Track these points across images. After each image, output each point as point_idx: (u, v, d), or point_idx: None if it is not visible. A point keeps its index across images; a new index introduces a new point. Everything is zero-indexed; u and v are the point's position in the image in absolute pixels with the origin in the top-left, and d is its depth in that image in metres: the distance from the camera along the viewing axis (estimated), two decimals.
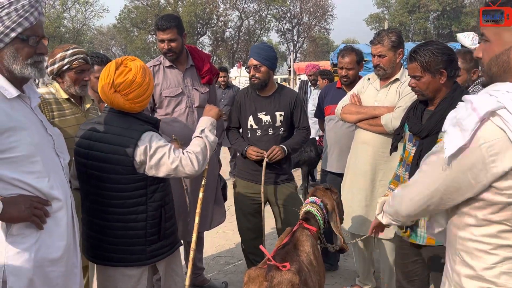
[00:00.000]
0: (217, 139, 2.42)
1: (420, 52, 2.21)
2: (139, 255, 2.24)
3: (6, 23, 1.65)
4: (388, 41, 2.91)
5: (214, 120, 2.48)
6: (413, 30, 44.64)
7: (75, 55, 2.59)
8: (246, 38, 45.46)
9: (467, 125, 1.25)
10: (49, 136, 1.84)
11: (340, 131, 3.65)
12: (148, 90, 2.21)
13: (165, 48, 3.15)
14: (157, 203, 2.24)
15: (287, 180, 3.27)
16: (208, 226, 3.45)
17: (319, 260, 2.28)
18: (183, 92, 3.22)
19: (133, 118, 2.21)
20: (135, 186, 2.18)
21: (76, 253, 1.93)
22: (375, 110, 2.97)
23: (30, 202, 1.68)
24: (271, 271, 1.87)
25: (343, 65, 3.60)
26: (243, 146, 3.21)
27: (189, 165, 2.18)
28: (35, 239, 1.72)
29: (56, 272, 1.79)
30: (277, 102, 3.21)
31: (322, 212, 2.45)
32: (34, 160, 1.70)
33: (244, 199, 3.27)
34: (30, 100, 1.80)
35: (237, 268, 4.07)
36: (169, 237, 2.35)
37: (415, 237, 2.36)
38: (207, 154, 2.31)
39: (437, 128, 2.19)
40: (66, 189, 1.87)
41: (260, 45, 3.24)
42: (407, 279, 2.49)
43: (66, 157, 1.94)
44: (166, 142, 2.20)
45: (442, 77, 2.21)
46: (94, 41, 46.56)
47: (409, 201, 1.49)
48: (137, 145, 2.10)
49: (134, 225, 2.20)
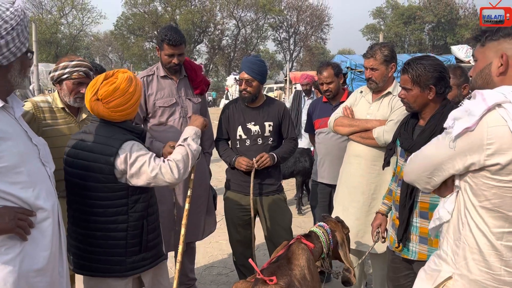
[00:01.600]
0: (200, 148, 2.43)
1: (413, 65, 2.24)
2: (119, 266, 2.23)
3: (21, 38, 1.71)
4: (381, 55, 2.94)
5: (198, 129, 2.50)
6: (409, 41, 45.02)
7: (77, 67, 2.66)
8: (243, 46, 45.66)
9: (476, 111, 1.45)
10: (34, 146, 1.84)
11: (330, 142, 3.71)
12: (132, 100, 2.20)
13: (174, 62, 3.13)
14: (139, 214, 2.24)
15: (276, 191, 3.27)
16: (200, 236, 3.43)
17: (314, 274, 2.25)
18: (177, 102, 3.22)
19: (117, 127, 2.22)
20: (116, 195, 2.18)
21: (62, 262, 1.91)
22: (367, 123, 2.98)
23: (14, 213, 1.66)
24: (257, 284, 1.86)
25: (322, 80, 3.71)
26: (232, 156, 3.21)
27: (169, 173, 2.18)
28: (19, 250, 1.71)
29: (42, 283, 1.77)
30: (266, 112, 3.23)
31: (327, 237, 2.47)
32: (18, 171, 1.70)
33: (234, 211, 3.27)
34: (13, 110, 1.81)
35: (230, 279, 4.04)
36: (152, 249, 2.32)
37: (407, 252, 2.36)
38: (189, 162, 2.30)
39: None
40: (53, 199, 1.86)
41: (252, 59, 3.22)
42: None
43: (51, 166, 1.94)
44: (147, 151, 2.21)
45: (431, 93, 2.24)
46: (91, 47, 46.61)
47: (411, 168, 1.74)
48: (117, 154, 2.12)
49: (114, 234, 2.21)
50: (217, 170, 7.55)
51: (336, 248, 2.53)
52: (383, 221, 2.62)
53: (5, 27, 1.62)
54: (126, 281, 2.28)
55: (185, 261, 3.55)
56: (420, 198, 2.27)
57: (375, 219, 2.65)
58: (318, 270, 2.43)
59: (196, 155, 2.36)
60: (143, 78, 3.19)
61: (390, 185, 2.59)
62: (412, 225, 2.31)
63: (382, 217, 2.62)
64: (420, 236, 2.29)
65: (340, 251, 2.51)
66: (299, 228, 5.25)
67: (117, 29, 43.14)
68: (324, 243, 2.44)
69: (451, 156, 1.53)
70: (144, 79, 3.19)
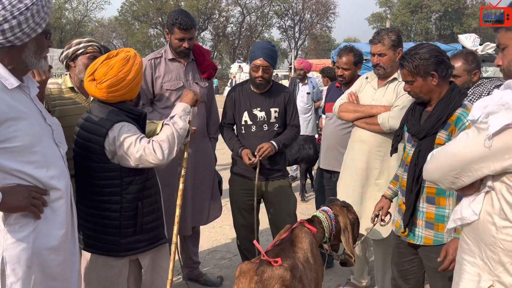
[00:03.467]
0: (187, 126, 2.31)
1: (408, 58, 2.23)
2: (113, 245, 2.27)
3: (36, 19, 1.69)
4: (388, 40, 2.92)
5: (187, 106, 2.38)
6: (415, 30, 44.58)
7: (90, 42, 2.70)
8: (247, 34, 45.36)
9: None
10: (48, 126, 1.85)
11: (329, 128, 3.73)
12: (125, 81, 2.17)
13: (184, 46, 3.12)
14: (132, 196, 2.25)
15: (281, 176, 3.29)
16: (205, 221, 3.47)
17: (317, 258, 2.27)
18: (184, 85, 3.22)
19: (114, 108, 2.23)
20: (109, 176, 2.21)
21: (74, 242, 1.95)
22: (372, 109, 2.98)
23: (28, 192, 1.69)
24: (262, 265, 1.88)
25: (339, 64, 3.64)
26: (237, 148, 3.21)
27: (152, 154, 2.15)
28: (33, 228, 1.74)
29: (55, 261, 1.80)
30: (272, 98, 3.22)
31: (330, 222, 2.48)
32: (33, 150, 1.72)
33: (240, 196, 3.29)
34: (29, 90, 1.82)
35: (233, 263, 4.09)
36: (149, 232, 2.33)
37: (413, 237, 2.37)
38: (175, 142, 2.22)
39: (434, 129, 2.20)
40: (66, 179, 1.89)
41: (267, 45, 3.18)
42: (403, 278, 2.52)
43: (64, 146, 1.96)
44: (136, 132, 2.19)
45: (434, 79, 2.22)
46: (95, 33, 46.41)
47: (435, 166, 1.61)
48: (107, 135, 2.14)
49: (108, 214, 2.25)
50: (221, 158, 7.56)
51: (338, 234, 2.53)
52: (386, 205, 2.63)
53: (19, 7, 1.61)
54: (123, 261, 2.31)
55: (190, 244, 3.60)
56: (427, 183, 2.28)
57: (378, 202, 2.68)
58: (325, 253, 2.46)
59: (183, 134, 2.27)
60: (150, 60, 3.19)
61: (397, 171, 2.61)
62: (419, 210, 2.32)
63: (385, 201, 2.64)
64: (426, 221, 2.30)
65: (342, 237, 2.52)
66: (302, 215, 5.27)
67: (122, 15, 42.91)
68: (327, 228, 2.45)
69: (486, 156, 1.41)
70: (151, 61, 3.19)
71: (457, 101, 2.18)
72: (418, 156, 2.24)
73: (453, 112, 2.17)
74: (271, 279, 1.84)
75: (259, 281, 1.83)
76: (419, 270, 2.47)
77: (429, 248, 2.31)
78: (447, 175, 1.56)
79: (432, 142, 2.20)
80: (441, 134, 2.19)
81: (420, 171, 2.15)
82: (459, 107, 2.17)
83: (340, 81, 3.70)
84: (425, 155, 2.14)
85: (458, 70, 2.98)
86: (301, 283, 2.00)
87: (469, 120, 1.90)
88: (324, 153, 3.80)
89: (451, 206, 2.25)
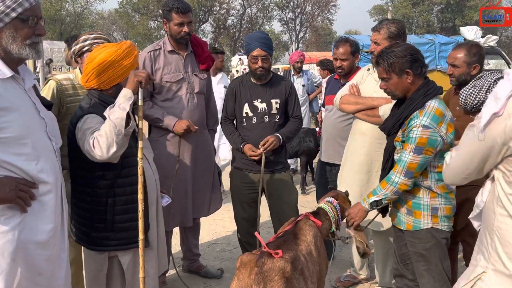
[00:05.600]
0: (124, 114, 2.09)
1: (384, 56, 2.31)
2: (85, 237, 2.29)
3: (7, 2, 1.64)
4: (386, 31, 2.91)
5: (128, 91, 2.15)
6: (417, 23, 44.33)
7: (97, 39, 2.68)
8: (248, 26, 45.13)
9: (501, 93, 1.38)
10: (42, 119, 1.83)
11: (329, 121, 3.73)
12: (97, 67, 2.20)
13: (184, 31, 3.10)
14: (102, 191, 2.24)
15: (283, 168, 3.28)
16: (206, 212, 3.47)
17: (321, 251, 2.28)
18: (184, 78, 3.21)
19: (95, 98, 2.27)
20: (82, 167, 2.24)
21: (63, 237, 1.93)
22: (373, 101, 2.96)
23: (15, 184, 1.67)
24: (263, 257, 1.88)
25: (337, 56, 3.62)
26: (238, 143, 3.19)
27: (92, 149, 2.10)
28: (19, 221, 1.72)
29: (42, 256, 1.78)
30: (273, 89, 3.20)
31: (336, 213, 2.48)
32: (23, 142, 1.70)
33: (241, 189, 3.28)
34: (24, 82, 1.80)
35: (233, 255, 4.10)
36: (122, 231, 2.29)
37: (399, 223, 2.46)
38: (113, 135, 2.06)
39: (394, 129, 2.33)
40: (56, 173, 1.87)
41: (262, 35, 3.19)
42: (403, 262, 2.57)
43: (58, 141, 1.94)
44: (95, 125, 2.14)
45: (409, 77, 2.30)
46: (95, 26, 46.18)
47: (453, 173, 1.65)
48: (76, 125, 2.18)
49: (81, 205, 2.28)
50: None
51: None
52: None
53: None
54: (102, 256, 2.32)
55: (190, 237, 3.61)
56: None
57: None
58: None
59: (120, 123, 2.06)
60: (150, 53, 3.17)
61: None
62: (400, 199, 2.42)
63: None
64: (407, 208, 2.40)
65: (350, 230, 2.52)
66: (303, 208, 5.27)
67: (122, 7, 42.67)
68: (333, 218, 2.45)
69: (485, 147, 1.45)
70: (151, 54, 3.17)
71: (419, 102, 2.25)
72: (385, 152, 2.45)
73: (411, 112, 2.26)
74: (271, 271, 1.84)
75: (259, 273, 1.83)
76: None
77: (410, 233, 2.40)
78: (467, 176, 1.60)
79: (393, 140, 2.35)
80: (399, 133, 2.32)
81: (391, 165, 2.37)
82: (418, 109, 2.25)
83: (339, 72, 3.68)
84: (388, 151, 2.36)
85: (458, 61, 2.96)
86: (302, 276, 1.99)
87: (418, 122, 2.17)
88: (324, 145, 3.79)
89: (424, 196, 2.34)
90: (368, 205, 2.39)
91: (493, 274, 1.51)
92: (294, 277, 1.91)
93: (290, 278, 1.87)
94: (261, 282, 1.81)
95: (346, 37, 3.82)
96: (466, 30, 8.88)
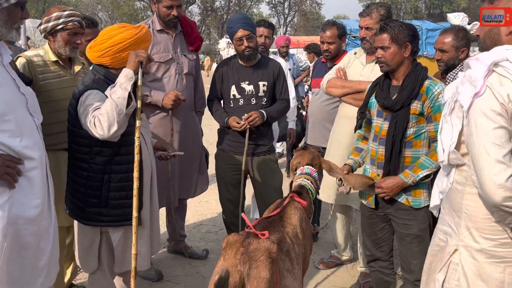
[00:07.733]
0: (125, 94, 2.10)
1: (391, 24, 2.36)
2: (80, 212, 2.31)
3: None
4: (377, 14, 2.91)
5: (129, 71, 2.15)
6: (404, 9, 44.35)
7: (71, 17, 2.59)
8: (236, 9, 44.60)
9: (477, 76, 1.41)
10: (22, 95, 1.81)
11: (314, 104, 3.74)
12: (102, 44, 2.22)
13: (173, 14, 3.06)
14: (99, 167, 2.25)
15: (267, 151, 3.28)
16: (192, 193, 3.48)
17: (306, 233, 2.29)
18: (173, 58, 3.17)
19: (100, 75, 2.27)
20: (80, 142, 2.26)
21: (50, 212, 1.94)
22: (360, 85, 2.98)
23: (2, 160, 1.67)
24: (249, 238, 1.89)
25: (324, 39, 3.61)
26: (224, 117, 3.16)
27: (93, 128, 2.11)
28: (8, 197, 1.72)
29: (29, 231, 1.79)
30: (261, 72, 3.18)
31: (316, 184, 2.48)
32: (6, 119, 1.69)
33: (226, 170, 3.28)
34: (1, 57, 1.78)
35: (218, 237, 4.13)
36: (116, 208, 2.30)
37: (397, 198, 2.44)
38: (114, 114, 2.07)
39: (408, 100, 2.34)
40: (41, 149, 1.87)
41: (241, 16, 3.17)
42: (376, 246, 2.64)
43: (39, 117, 1.92)
44: (97, 102, 2.14)
45: (407, 51, 2.35)
46: (79, 5, 45.14)
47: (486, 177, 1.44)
48: (79, 99, 2.17)
49: (77, 179, 2.29)
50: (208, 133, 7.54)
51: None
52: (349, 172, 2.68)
53: None
54: (94, 230, 2.35)
55: (177, 218, 3.61)
56: (405, 153, 2.40)
57: (343, 169, 2.65)
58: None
59: (122, 102, 2.08)
60: None
61: (357, 144, 2.73)
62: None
63: (348, 168, 2.66)
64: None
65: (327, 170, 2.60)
66: (288, 190, 5.32)
67: None
68: (313, 191, 2.44)
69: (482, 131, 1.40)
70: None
71: (423, 74, 2.36)
72: (396, 127, 2.36)
73: (422, 83, 2.34)
74: (257, 251, 1.85)
75: (245, 253, 1.84)
76: (390, 236, 2.64)
77: (407, 213, 2.43)
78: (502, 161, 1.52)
79: (408, 112, 2.35)
80: (415, 104, 2.34)
81: (400, 141, 2.33)
82: (426, 79, 2.35)
83: (326, 55, 3.68)
84: (402, 125, 2.33)
85: (446, 45, 2.98)
86: (288, 257, 2.01)
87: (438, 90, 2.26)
88: (310, 129, 3.81)
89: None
90: (413, 181, 2.34)
91: (464, 250, 1.57)
92: (280, 258, 1.93)
93: (276, 259, 1.88)
94: (246, 262, 1.82)
95: (333, 20, 3.80)
96: (453, 16, 8.93)
